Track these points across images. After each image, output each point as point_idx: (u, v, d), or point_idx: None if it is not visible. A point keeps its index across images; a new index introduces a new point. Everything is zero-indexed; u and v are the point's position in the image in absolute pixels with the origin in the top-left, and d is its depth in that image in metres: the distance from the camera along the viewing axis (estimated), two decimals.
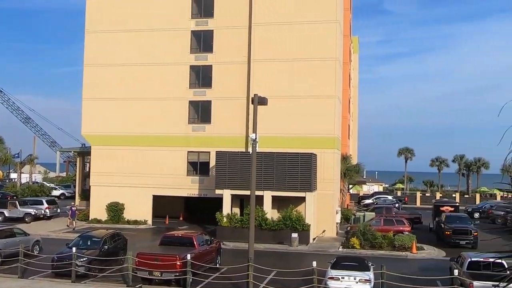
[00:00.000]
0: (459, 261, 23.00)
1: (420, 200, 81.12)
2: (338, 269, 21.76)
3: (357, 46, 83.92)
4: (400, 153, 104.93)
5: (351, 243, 33.89)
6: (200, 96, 44.00)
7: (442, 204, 47.24)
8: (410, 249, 33.04)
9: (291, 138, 40.68)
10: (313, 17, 41.20)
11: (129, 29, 45.28)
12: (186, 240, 25.33)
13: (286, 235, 35.25)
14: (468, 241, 35.44)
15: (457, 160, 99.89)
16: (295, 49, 41.29)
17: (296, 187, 37.04)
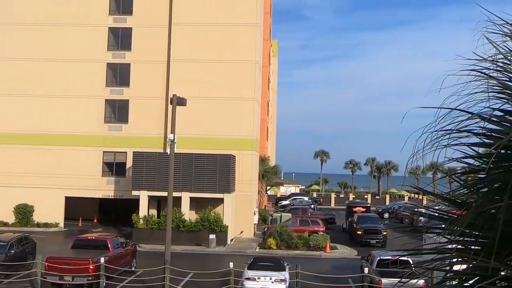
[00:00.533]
0: (369, 259, 24.02)
1: (334, 201, 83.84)
2: (255, 269, 22.04)
3: (276, 50, 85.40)
4: (316, 155, 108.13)
5: (268, 244, 34.42)
6: (117, 95, 42.86)
7: (355, 205, 49.13)
8: (324, 248, 34.08)
9: (210, 140, 40.66)
10: (234, 19, 41.46)
11: (40, 23, 43.19)
12: (99, 243, 24.55)
13: (204, 237, 35.17)
14: (378, 240, 37.12)
15: (369, 163, 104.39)
16: (216, 50, 41.34)
17: (214, 188, 37.07)
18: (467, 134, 3.49)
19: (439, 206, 4.69)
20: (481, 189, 3.73)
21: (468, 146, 3.69)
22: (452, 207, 4.07)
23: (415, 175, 76.06)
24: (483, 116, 3.48)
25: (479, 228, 3.51)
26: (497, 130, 3.58)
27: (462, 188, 3.92)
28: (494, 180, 3.58)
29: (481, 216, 3.59)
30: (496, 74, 3.54)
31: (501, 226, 3.22)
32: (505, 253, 3.39)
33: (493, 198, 3.57)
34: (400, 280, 4.79)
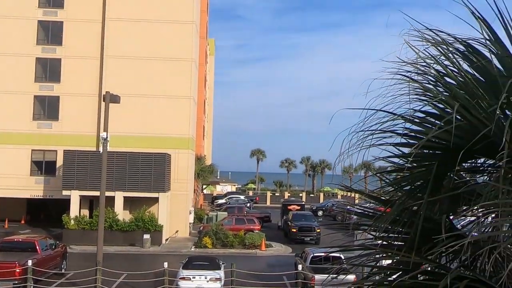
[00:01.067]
0: (303, 256, 24.46)
1: (270, 200, 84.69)
2: (190, 269, 21.91)
3: (213, 48, 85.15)
4: (252, 154, 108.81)
5: (203, 243, 34.32)
6: (47, 91, 41.24)
7: (290, 203, 49.86)
8: (259, 246, 34.38)
9: (145, 138, 39.97)
10: (170, 16, 40.96)
11: None
12: (27, 245, 23.59)
13: (138, 237, 34.56)
14: (312, 237, 37.90)
15: (304, 161, 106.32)
16: (152, 47, 40.67)
17: (149, 187, 36.52)
18: (392, 135, 3.64)
19: (369, 203, 4.87)
20: (404, 187, 3.91)
21: (393, 146, 3.85)
22: (378, 204, 4.23)
23: (348, 173, 78.28)
24: (405, 117, 3.64)
25: (401, 224, 3.67)
26: (419, 131, 3.76)
27: (387, 186, 4.09)
28: (416, 178, 3.76)
29: (404, 213, 3.76)
30: (418, 77, 3.71)
31: (421, 222, 3.39)
32: (426, 248, 3.56)
33: (415, 195, 3.75)
34: (330, 275, 4.94)
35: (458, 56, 3.72)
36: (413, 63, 3.72)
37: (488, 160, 3.69)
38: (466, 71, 3.65)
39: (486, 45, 3.67)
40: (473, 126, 3.32)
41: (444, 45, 3.70)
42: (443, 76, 3.69)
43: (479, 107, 3.40)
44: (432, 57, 3.69)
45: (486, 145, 3.26)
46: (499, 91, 3.38)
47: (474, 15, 3.67)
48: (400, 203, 3.66)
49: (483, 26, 3.69)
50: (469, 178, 3.96)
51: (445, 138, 3.33)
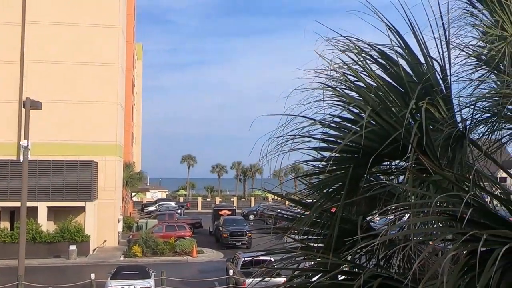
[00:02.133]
0: (234, 261, 24.54)
1: (201, 205, 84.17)
2: (118, 279, 21.41)
3: (141, 53, 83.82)
4: (183, 160, 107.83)
5: (133, 252, 33.62)
6: None
7: (221, 208, 49.79)
8: (190, 253, 34.12)
9: (70, 145, 38.57)
10: (95, 20, 39.84)
11: None
12: None
13: (64, 248, 33.28)
14: (243, 241, 38.09)
15: (235, 166, 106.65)
16: (76, 52, 39.35)
17: (75, 196, 35.30)
18: (308, 139, 3.74)
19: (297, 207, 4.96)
20: (324, 189, 4.03)
21: (315, 150, 3.95)
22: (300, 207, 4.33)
23: (278, 177, 79.20)
24: (323, 122, 3.76)
25: (321, 226, 3.78)
26: (337, 135, 3.90)
27: (308, 189, 4.19)
28: (334, 181, 3.88)
29: (323, 215, 3.87)
30: (334, 83, 3.84)
31: (339, 224, 3.50)
32: (344, 248, 3.68)
33: (334, 197, 3.87)
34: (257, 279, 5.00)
35: (371, 62, 3.90)
36: (329, 69, 3.85)
37: (401, 162, 3.88)
38: (378, 76, 3.83)
39: (398, 53, 3.87)
40: (385, 130, 3.47)
41: (358, 52, 3.87)
42: (355, 81, 3.85)
43: (391, 112, 3.57)
44: (345, 64, 3.84)
45: (397, 148, 3.42)
46: (409, 97, 3.56)
47: (387, 25, 3.86)
48: (319, 205, 3.76)
49: (396, 36, 3.89)
50: (385, 180, 4.13)
51: (360, 142, 3.47)
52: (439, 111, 3.73)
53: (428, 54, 3.80)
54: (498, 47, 3.63)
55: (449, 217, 2.89)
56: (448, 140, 3.56)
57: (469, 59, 3.94)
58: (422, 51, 3.87)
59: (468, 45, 3.99)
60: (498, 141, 4.25)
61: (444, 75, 3.78)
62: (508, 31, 3.67)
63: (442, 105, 3.73)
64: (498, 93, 3.83)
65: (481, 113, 3.97)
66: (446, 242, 3.09)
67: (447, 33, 3.78)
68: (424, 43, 3.83)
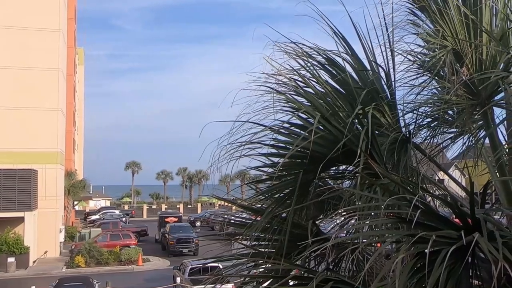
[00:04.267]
0: (181, 269, 24.26)
1: (147, 213, 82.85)
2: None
3: (82, 58, 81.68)
4: (127, 166, 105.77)
5: (75, 262, 32.63)
6: None
7: (167, 216, 49.20)
8: (136, 262, 33.45)
9: (7, 153, 36.97)
10: (34, 23, 38.47)
11: None
12: None
13: (2, 261, 31.79)
14: (190, 248, 37.74)
15: (181, 172, 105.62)
16: (14, 55, 37.81)
17: (13, 206, 33.86)
18: (259, 146, 3.74)
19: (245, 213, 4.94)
20: (274, 195, 4.03)
21: (264, 156, 3.95)
22: (250, 213, 4.32)
23: (225, 183, 79.15)
24: (273, 128, 3.77)
25: (272, 231, 3.78)
26: (286, 141, 3.92)
27: (258, 195, 4.18)
28: (284, 186, 3.90)
29: (274, 220, 3.87)
30: (282, 89, 3.86)
31: (290, 229, 3.51)
32: (295, 253, 3.70)
33: (284, 203, 3.89)
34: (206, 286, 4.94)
35: (319, 68, 3.95)
36: (277, 74, 3.87)
37: (349, 166, 3.94)
38: (326, 82, 3.88)
39: (345, 59, 3.94)
40: (333, 135, 3.52)
41: (305, 58, 3.91)
42: (304, 87, 3.89)
43: (339, 117, 3.62)
44: (294, 69, 3.87)
45: (345, 153, 3.47)
46: (356, 102, 3.63)
47: (334, 31, 3.92)
48: (270, 210, 3.76)
49: (341, 42, 3.96)
50: (333, 185, 4.19)
51: (309, 148, 3.50)
52: (384, 116, 3.82)
53: (374, 60, 3.88)
54: (439, 55, 3.77)
55: (396, 219, 2.96)
56: (394, 144, 3.66)
57: (413, 65, 4.07)
58: (367, 57, 3.96)
59: (411, 52, 4.12)
60: (439, 144, 4.40)
61: (389, 81, 3.88)
62: (448, 40, 3.81)
63: (387, 110, 3.83)
64: (440, 99, 3.98)
65: (424, 118, 4.11)
66: (393, 244, 3.16)
67: (391, 41, 3.89)
68: (371, 49, 3.91)
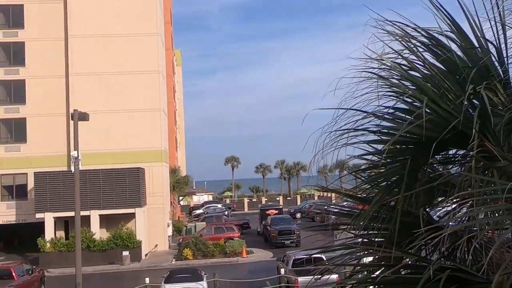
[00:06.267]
0: (284, 260, 24.45)
1: (247, 206, 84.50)
2: (172, 282, 21.69)
3: (180, 59, 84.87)
4: (227, 161, 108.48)
5: (184, 255, 34.02)
6: (12, 114, 40.38)
7: (267, 208, 49.82)
8: (240, 254, 34.25)
9: (117, 154, 39.46)
10: (134, 29, 40.63)
11: None
12: (3, 272, 23.04)
13: (117, 254, 34.04)
14: (292, 240, 37.95)
15: (279, 165, 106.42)
16: (117, 62, 40.23)
17: (125, 203, 36.05)
18: (363, 132, 3.66)
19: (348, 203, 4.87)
20: (380, 183, 3.93)
21: (367, 143, 3.87)
22: (356, 202, 4.25)
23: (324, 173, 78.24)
24: (377, 114, 3.67)
25: (380, 220, 3.69)
26: (391, 127, 3.80)
27: (363, 184, 4.10)
28: (391, 174, 3.78)
29: (382, 209, 3.78)
30: (384, 73, 3.74)
31: (400, 217, 3.41)
32: (406, 242, 3.59)
33: (392, 191, 3.78)
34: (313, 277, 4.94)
35: (422, 49, 3.77)
36: (379, 59, 3.75)
37: (459, 150, 3.75)
38: (431, 64, 3.70)
39: (450, 38, 3.74)
40: (443, 118, 3.36)
41: (408, 39, 3.75)
42: (409, 71, 3.73)
43: (447, 99, 3.45)
44: (396, 52, 3.73)
45: (456, 136, 3.30)
46: (465, 82, 3.44)
47: (437, 8, 3.73)
48: (378, 199, 3.68)
49: (446, 19, 3.76)
50: (443, 170, 4.01)
51: (416, 132, 3.37)
52: (497, 95, 3.59)
53: (483, 36, 3.65)
54: None
55: None
56: (509, 124, 3.42)
57: None
58: (474, 34, 3.73)
59: None
60: None
61: (501, 58, 3.63)
62: None
63: (500, 89, 3.59)
64: None
65: None
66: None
67: (502, 13, 3.63)
68: (478, 25, 3.68)
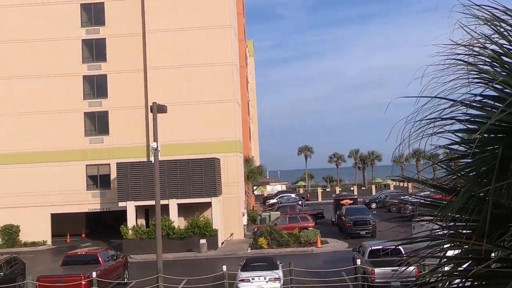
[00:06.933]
0: (360, 250, 24.15)
1: (321, 196, 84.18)
2: (248, 270, 22.03)
3: (252, 50, 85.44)
4: (300, 151, 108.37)
5: (259, 244, 34.44)
6: (96, 107, 42.49)
7: (342, 198, 49.39)
8: (315, 243, 34.20)
9: (193, 144, 40.52)
10: (207, 22, 41.38)
11: (13, 40, 42.60)
12: (90, 257, 24.33)
13: (195, 242, 35.06)
14: (368, 230, 37.38)
15: (353, 154, 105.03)
16: (192, 55, 41.21)
17: (201, 193, 36.99)
18: (451, 122, 3.54)
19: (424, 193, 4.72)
20: (468, 174, 3.78)
21: (452, 133, 3.74)
22: (440, 193, 4.12)
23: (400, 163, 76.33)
24: (464, 102, 3.53)
25: (469, 212, 3.56)
26: (480, 115, 3.64)
27: (449, 174, 3.97)
28: (480, 164, 3.63)
29: (470, 200, 3.64)
30: (472, 60, 3.59)
31: (491, 208, 3.28)
32: (496, 234, 3.44)
33: (481, 181, 3.63)
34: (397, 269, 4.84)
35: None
36: (466, 44, 3.60)
37: None
38: None
39: None
40: None
41: (498, 23, 3.57)
42: (500, 56, 3.56)
43: None
44: (485, 37, 3.56)
45: None
46: None
47: None
48: (466, 190, 3.55)
49: None
50: None
51: (508, 120, 3.22)
52: None
53: None
54: None
55: None
56: None
57: None
58: None
59: None
60: None
61: None
62: None
63: None
64: None
65: None
66: None
67: None
68: None
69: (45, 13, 42.66)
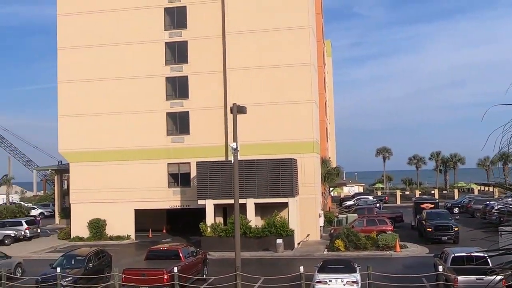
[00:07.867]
0: (442, 257, 23.34)
1: (400, 199, 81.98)
2: (325, 272, 21.92)
3: (330, 50, 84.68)
4: (378, 152, 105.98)
5: (335, 246, 34.12)
6: (177, 107, 43.93)
7: (422, 201, 47.83)
8: (394, 248, 33.40)
9: (270, 145, 40.85)
10: (286, 23, 41.56)
11: (102, 44, 45.00)
12: (172, 253, 25.22)
13: (271, 242, 35.32)
14: (450, 236, 36.00)
15: (434, 157, 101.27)
16: (270, 56, 41.57)
17: (278, 193, 37.20)
18: None
19: None
20: None
21: None
22: None
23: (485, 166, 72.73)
24: None
25: None
26: None
27: None
28: None
29: None
30: None
31: None
32: None
33: None
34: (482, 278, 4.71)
35: None
36: None
37: None
38: None
39: None
40: None
41: None
42: None
43: None
44: None
45: None
46: None
47: None
48: None
49: None
50: None
51: None
52: None
53: None
54: None
55: None
56: None
57: None
58: None
59: None
60: None
61: None
62: None
63: None
64: None
65: None
66: None
67: None
68: None
69: (131, 18, 44.68)
